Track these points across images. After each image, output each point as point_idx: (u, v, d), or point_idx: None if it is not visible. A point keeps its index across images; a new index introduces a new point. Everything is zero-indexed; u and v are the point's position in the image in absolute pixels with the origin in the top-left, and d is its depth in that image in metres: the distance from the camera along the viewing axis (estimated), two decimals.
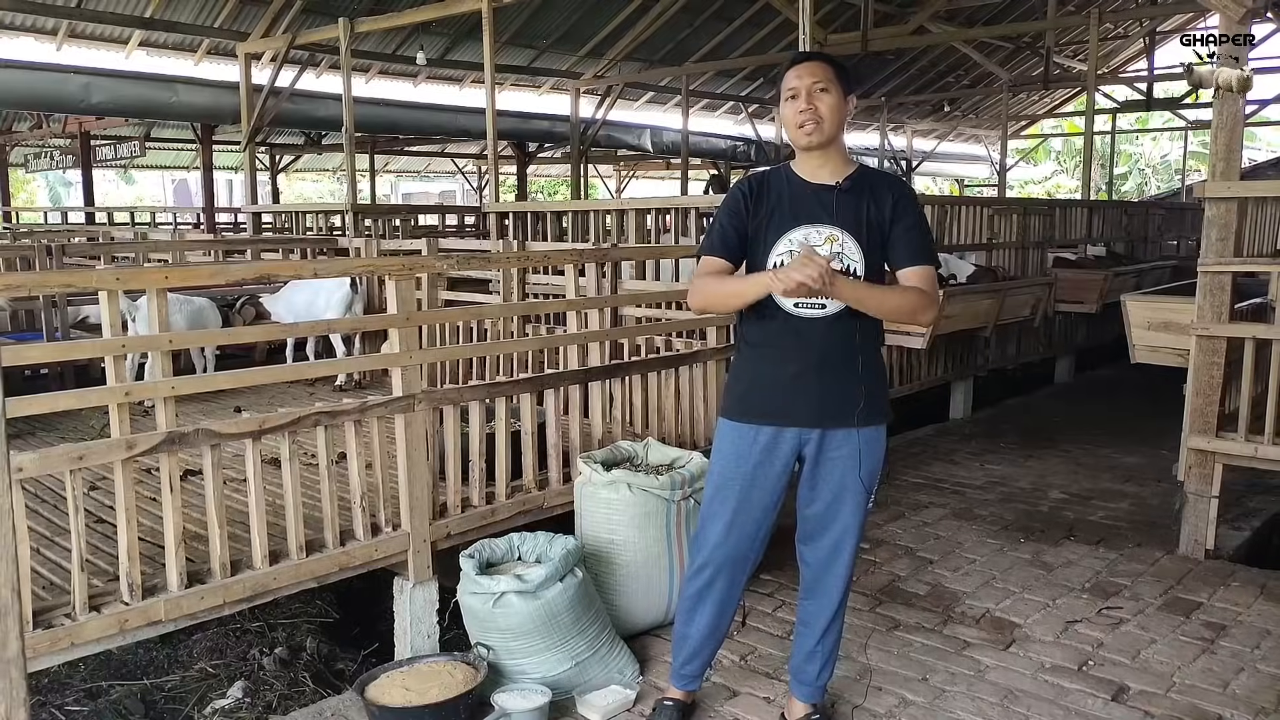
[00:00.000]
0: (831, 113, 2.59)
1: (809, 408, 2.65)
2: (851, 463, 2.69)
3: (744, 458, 2.72)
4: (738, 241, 2.67)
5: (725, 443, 2.77)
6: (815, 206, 2.62)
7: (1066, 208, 9.50)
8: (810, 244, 2.59)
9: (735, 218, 2.68)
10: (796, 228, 2.61)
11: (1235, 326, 4.24)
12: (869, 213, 2.61)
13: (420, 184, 29.30)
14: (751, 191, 2.69)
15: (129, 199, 28.08)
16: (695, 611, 2.88)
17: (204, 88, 12.16)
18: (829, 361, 2.62)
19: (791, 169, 2.71)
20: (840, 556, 2.78)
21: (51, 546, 3.43)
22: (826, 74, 2.60)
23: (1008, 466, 6.05)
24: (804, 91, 2.59)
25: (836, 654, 2.94)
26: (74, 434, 5.22)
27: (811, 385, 2.63)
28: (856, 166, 2.70)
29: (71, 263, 7.01)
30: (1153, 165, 30.60)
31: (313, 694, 3.73)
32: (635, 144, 17.21)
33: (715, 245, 2.69)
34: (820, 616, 2.85)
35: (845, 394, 2.64)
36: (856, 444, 2.68)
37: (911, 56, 18.13)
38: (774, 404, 2.68)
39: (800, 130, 2.60)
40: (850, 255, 2.59)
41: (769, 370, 2.67)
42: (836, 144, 2.66)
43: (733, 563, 2.81)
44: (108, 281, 2.88)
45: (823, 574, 2.82)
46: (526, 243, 7.76)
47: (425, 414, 3.51)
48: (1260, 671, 3.31)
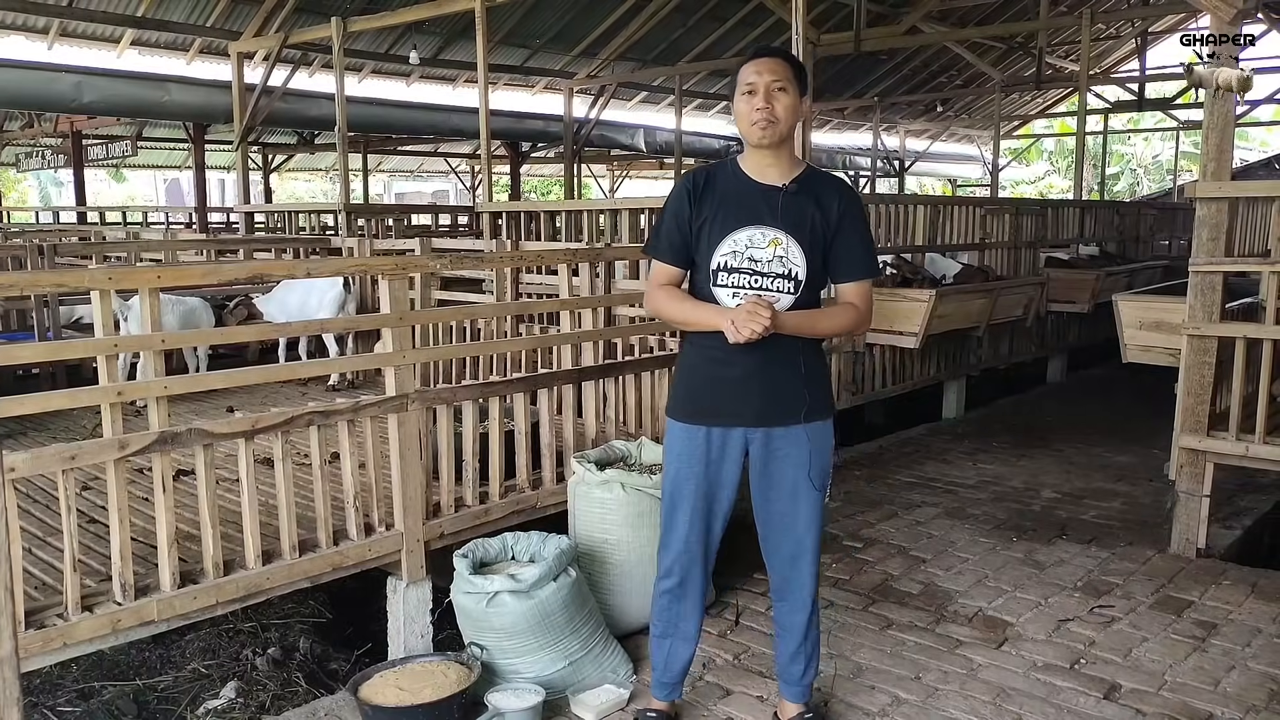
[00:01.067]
0: (787, 113, 2.60)
1: (754, 407, 2.68)
2: (800, 460, 2.71)
3: (695, 458, 2.74)
4: (683, 243, 2.70)
5: (675, 443, 2.79)
6: (761, 207, 2.64)
7: (1059, 208, 9.53)
8: (754, 246, 2.61)
9: (679, 218, 2.69)
10: (741, 229, 2.63)
11: (1226, 326, 4.26)
12: (814, 217, 2.64)
13: (413, 184, 29.26)
14: (696, 189, 2.69)
15: (120, 198, 27.94)
16: (666, 616, 2.89)
17: (196, 87, 12.12)
18: (772, 362, 2.64)
19: (739, 165, 2.72)
20: (803, 556, 2.79)
21: (44, 547, 3.42)
22: (786, 73, 2.60)
23: (1000, 466, 6.06)
24: (762, 89, 2.58)
25: (819, 651, 2.94)
26: (66, 434, 5.21)
27: (755, 385, 2.66)
28: (804, 168, 2.72)
29: (63, 262, 6.99)
30: (1144, 165, 30.69)
31: (306, 694, 3.73)
32: (629, 144, 17.21)
33: (663, 250, 2.72)
34: (795, 618, 2.85)
35: (790, 393, 2.67)
36: (805, 441, 2.70)
37: (904, 56, 18.15)
38: (720, 404, 2.70)
39: (754, 127, 2.60)
40: (793, 259, 2.62)
41: (714, 371, 2.69)
42: (788, 144, 2.67)
43: (696, 565, 2.83)
44: (100, 281, 2.87)
45: (789, 575, 2.83)
46: (520, 242, 7.76)
47: (419, 414, 3.51)
48: (1251, 669, 3.32)
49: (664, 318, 2.83)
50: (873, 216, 6.84)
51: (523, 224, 8.53)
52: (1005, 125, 21.62)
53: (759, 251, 2.61)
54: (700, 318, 2.65)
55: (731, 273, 2.62)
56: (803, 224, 2.62)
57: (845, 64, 16.79)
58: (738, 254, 2.61)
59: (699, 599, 2.89)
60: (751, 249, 2.61)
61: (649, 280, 2.79)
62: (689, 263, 2.72)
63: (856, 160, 22.38)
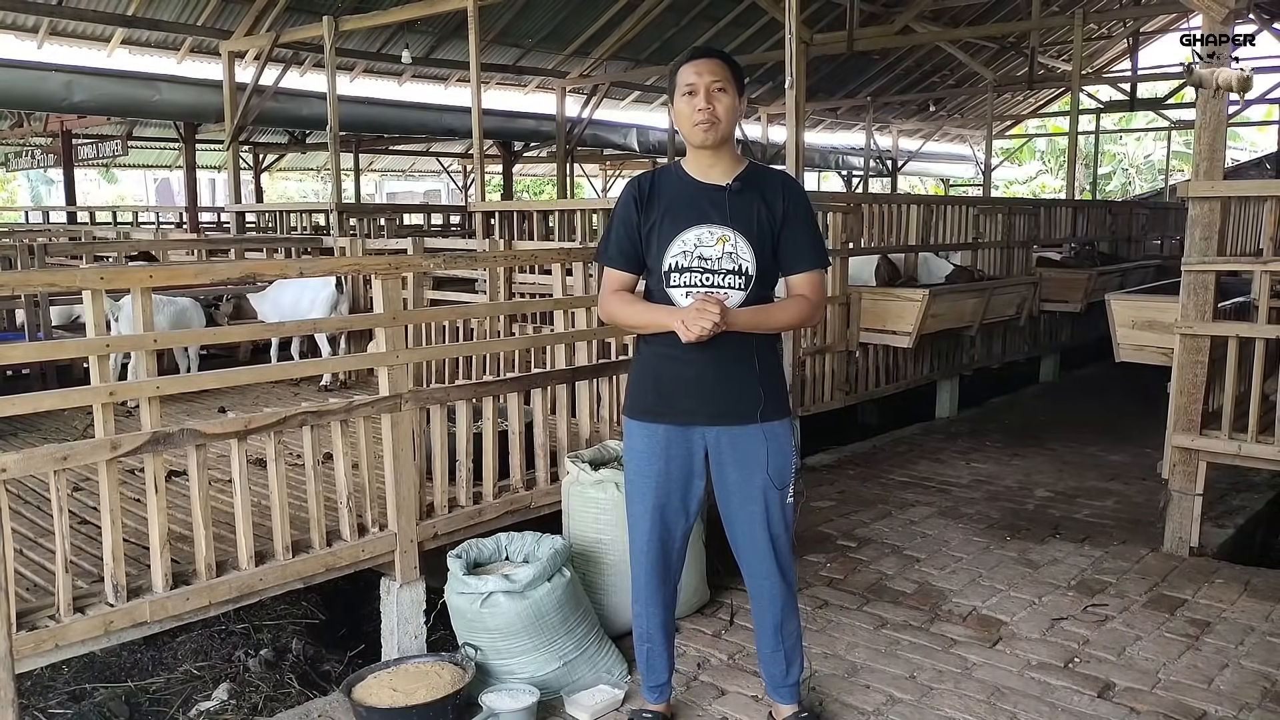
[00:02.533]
0: (728, 113, 2.62)
1: (709, 406, 2.68)
2: (758, 459, 2.71)
3: (653, 455, 2.75)
4: (633, 248, 2.72)
5: (634, 442, 2.80)
6: (707, 206, 2.65)
7: (1051, 207, 9.55)
8: (703, 244, 2.63)
9: (628, 224, 2.72)
10: (689, 228, 2.65)
11: (1219, 325, 4.27)
12: (760, 213, 2.66)
13: (405, 183, 29.21)
14: (642, 194, 2.71)
15: (111, 198, 27.87)
16: (641, 617, 2.90)
17: (187, 86, 12.08)
18: (727, 361, 2.65)
19: (682, 167, 2.74)
20: (770, 554, 2.78)
21: (35, 548, 3.40)
22: (725, 74, 2.62)
23: (993, 465, 6.07)
24: (702, 90, 2.60)
25: (801, 650, 2.93)
26: (56, 435, 5.18)
27: (711, 384, 2.67)
28: (746, 164, 2.74)
29: (54, 262, 6.96)
30: (1136, 165, 30.80)
31: (299, 695, 3.71)
32: (621, 143, 17.20)
33: (614, 256, 2.75)
34: (768, 618, 2.85)
35: (745, 391, 2.67)
36: (762, 440, 2.70)
37: (897, 56, 18.18)
38: (674, 403, 2.71)
39: (696, 128, 2.62)
40: (742, 255, 2.63)
41: (668, 369, 2.70)
42: (729, 143, 2.69)
43: (662, 563, 2.83)
44: (92, 281, 2.85)
45: (758, 577, 2.83)
46: (513, 242, 7.74)
47: (412, 414, 3.50)
48: (1244, 668, 3.33)
49: (618, 323, 2.86)
50: (865, 216, 6.85)
51: (515, 223, 8.51)
52: (998, 125, 21.66)
53: (708, 250, 2.63)
54: (652, 319, 2.67)
55: (683, 272, 2.64)
56: (749, 220, 2.64)
57: (838, 64, 16.81)
58: (687, 254, 2.64)
59: (668, 600, 2.90)
60: (700, 248, 2.63)
61: (602, 288, 2.81)
62: (640, 267, 2.75)
63: (849, 160, 22.42)
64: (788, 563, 2.82)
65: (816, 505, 5.17)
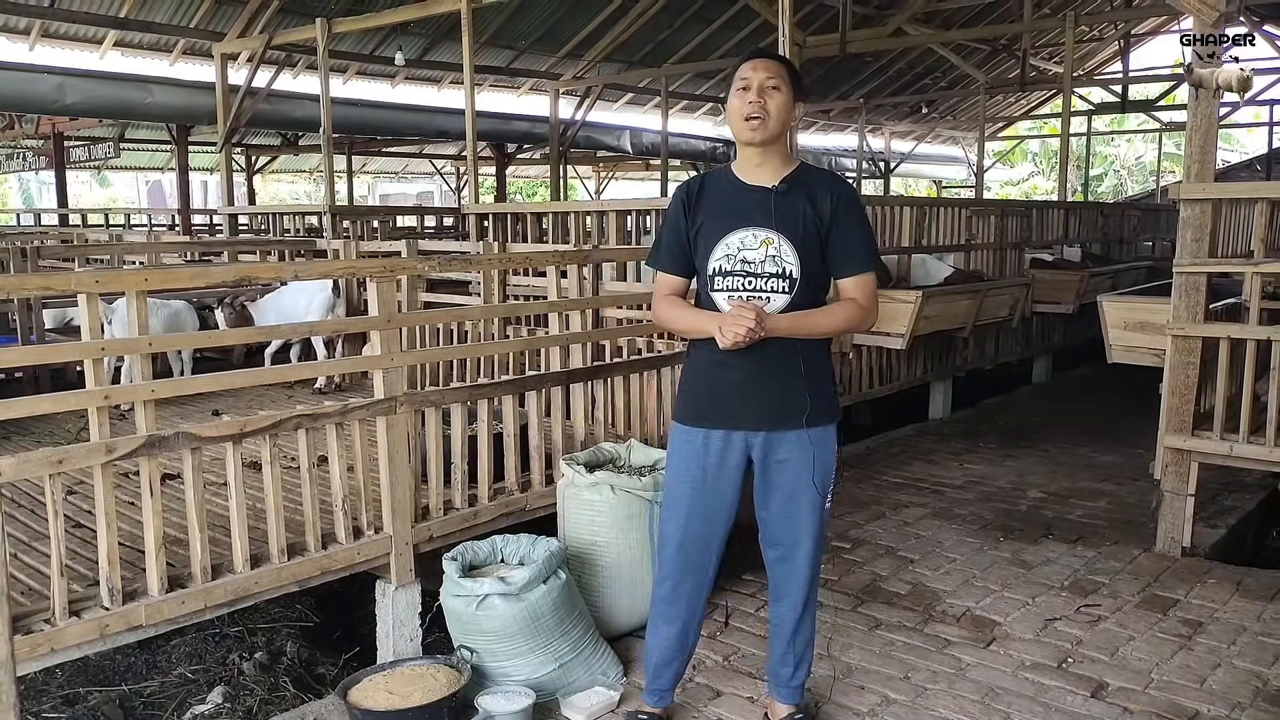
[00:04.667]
0: (779, 111, 2.61)
1: (755, 411, 2.68)
2: (803, 464, 2.70)
3: (695, 461, 2.74)
4: (681, 252, 2.73)
5: (677, 446, 2.80)
6: (752, 208, 2.65)
7: (1043, 209, 9.58)
8: (746, 247, 2.62)
9: (676, 228, 2.73)
10: (733, 231, 2.64)
11: (1210, 326, 4.29)
12: (806, 214, 2.64)
13: (398, 185, 29.12)
14: (690, 197, 2.72)
15: (103, 200, 27.75)
16: (660, 622, 2.89)
17: (179, 88, 12.03)
18: (773, 365, 2.64)
19: (731, 170, 2.74)
20: (801, 559, 2.79)
21: (29, 551, 3.39)
22: (780, 73, 2.63)
23: (987, 466, 6.09)
24: (756, 85, 2.60)
25: (811, 654, 2.94)
26: (49, 438, 5.16)
27: (757, 389, 2.66)
28: (796, 165, 2.73)
29: (46, 265, 6.93)
30: (1128, 167, 30.87)
31: (294, 699, 3.71)
32: (615, 145, 17.18)
33: (665, 261, 2.76)
34: (787, 619, 2.86)
35: (791, 396, 2.66)
36: (807, 445, 2.69)
37: (889, 58, 18.20)
38: (721, 408, 2.70)
39: (746, 123, 2.61)
40: (786, 258, 2.62)
41: (716, 374, 2.70)
42: (778, 144, 2.68)
43: (692, 570, 2.81)
44: (87, 284, 2.85)
45: (785, 578, 2.83)
46: (507, 244, 7.75)
47: (407, 416, 3.49)
48: (1236, 667, 3.35)
49: (668, 328, 2.87)
50: None
51: (509, 225, 8.51)
52: (990, 127, 21.70)
53: (751, 253, 2.62)
54: (694, 323, 2.68)
55: (727, 276, 2.63)
56: (795, 222, 2.62)
57: (831, 66, 16.83)
58: (731, 257, 2.63)
59: (694, 607, 2.87)
60: (744, 250, 2.62)
61: (654, 291, 2.81)
62: (690, 271, 2.74)
63: (842, 162, 22.43)
64: (817, 568, 2.83)
65: None
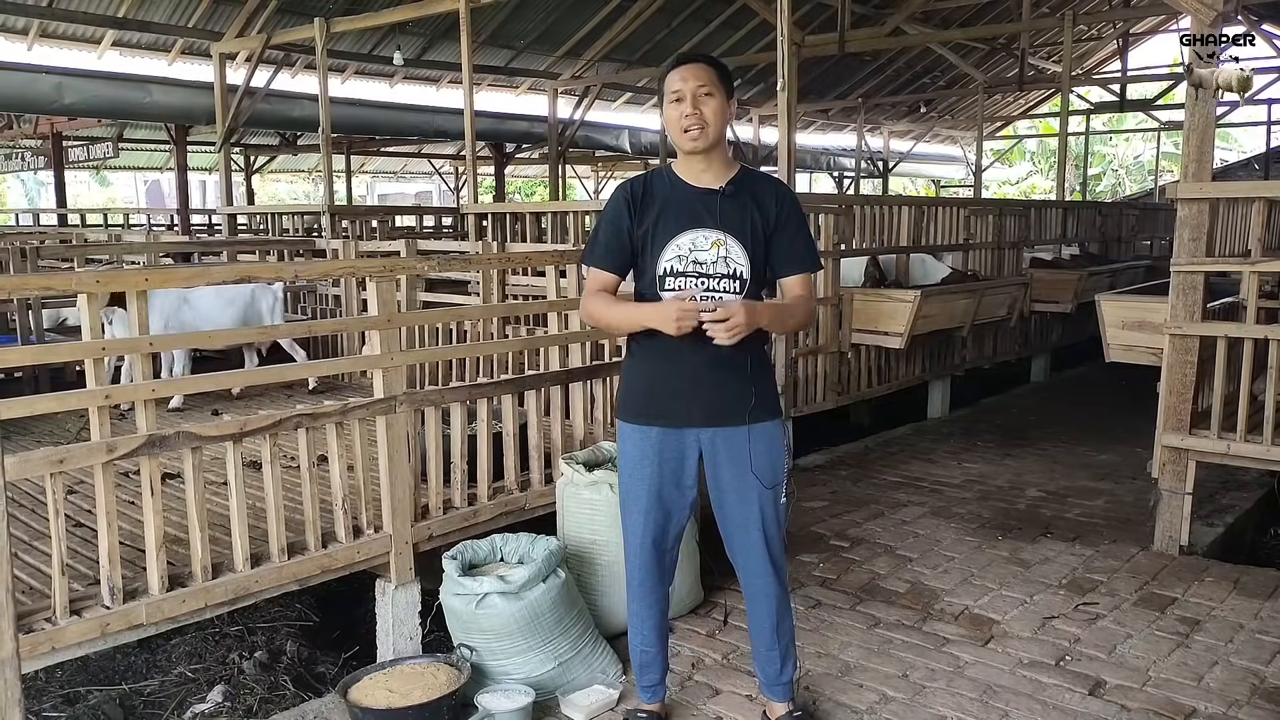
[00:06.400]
0: (715, 117, 2.63)
1: (702, 408, 2.70)
2: (746, 458, 2.72)
3: (646, 459, 2.76)
4: (621, 251, 2.73)
5: (627, 444, 2.81)
6: (700, 210, 2.67)
7: (1041, 208, 9.59)
8: (698, 249, 2.64)
9: (618, 227, 2.72)
10: (683, 233, 2.66)
11: (1208, 325, 4.30)
12: (753, 216, 2.68)
13: (397, 185, 29.16)
14: (635, 197, 2.72)
15: (102, 200, 27.74)
16: (636, 618, 2.92)
17: (178, 88, 12.03)
18: (720, 363, 2.66)
19: (674, 171, 2.75)
20: (763, 555, 2.80)
21: (30, 551, 3.40)
22: (710, 78, 2.63)
23: (985, 465, 6.10)
24: (689, 95, 2.61)
25: (795, 649, 2.95)
26: (49, 437, 5.17)
27: (704, 386, 2.68)
28: (739, 168, 2.75)
29: (46, 265, 6.93)
30: (1126, 166, 30.90)
31: (294, 697, 3.71)
32: (613, 144, 17.20)
33: (602, 259, 2.75)
34: (763, 617, 2.87)
35: (737, 393, 2.69)
36: (751, 440, 2.71)
37: (888, 58, 18.22)
38: (668, 405, 2.72)
39: (686, 135, 2.63)
40: (736, 259, 2.65)
41: (662, 371, 2.71)
42: (719, 148, 2.70)
43: (656, 564, 2.85)
44: (88, 284, 2.86)
45: (752, 576, 2.85)
46: (506, 244, 7.75)
47: (407, 416, 3.50)
48: (1233, 665, 3.36)
49: (602, 324, 2.83)
50: (857, 217, 6.88)
51: (508, 225, 8.52)
52: (988, 126, 21.72)
53: (702, 254, 2.65)
54: (634, 317, 2.68)
55: (678, 276, 2.66)
56: (743, 224, 2.66)
57: (829, 65, 16.84)
58: (682, 258, 2.65)
59: (662, 601, 2.92)
60: (695, 251, 2.65)
61: (585, 288, 2.81)
62: (625, 270, 2.76)
63: (840, 161, 22.47)
64: (781, 562, 2.84)
65: (809, 505, 5.19)
